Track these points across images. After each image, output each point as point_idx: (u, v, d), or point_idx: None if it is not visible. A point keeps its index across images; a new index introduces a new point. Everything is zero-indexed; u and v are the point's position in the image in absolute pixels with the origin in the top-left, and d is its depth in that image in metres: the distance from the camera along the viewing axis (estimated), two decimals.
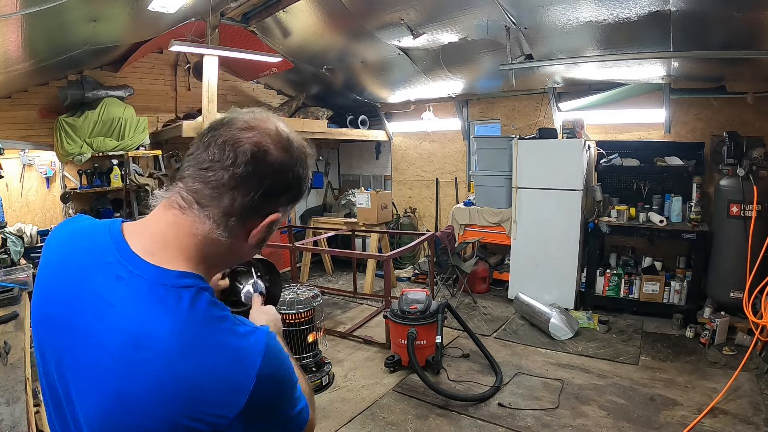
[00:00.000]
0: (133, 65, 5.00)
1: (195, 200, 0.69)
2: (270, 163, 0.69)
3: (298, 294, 3.44)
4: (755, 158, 3.94)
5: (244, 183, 0.68)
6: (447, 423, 2.95)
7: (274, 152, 0.70)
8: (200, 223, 0.69)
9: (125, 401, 0.62)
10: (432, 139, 6.64)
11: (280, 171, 0.71)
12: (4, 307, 2.46)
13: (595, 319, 4.40)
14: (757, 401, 3.03)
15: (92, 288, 0.67)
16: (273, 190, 0.71)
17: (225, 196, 0.68)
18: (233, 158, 0.67)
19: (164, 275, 0.66)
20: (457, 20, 4.12)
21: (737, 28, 3.35)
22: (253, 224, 0.72)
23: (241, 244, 0.74)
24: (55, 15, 2.77)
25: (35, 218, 4.74)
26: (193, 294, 0.66)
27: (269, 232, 0.76)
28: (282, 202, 0.74)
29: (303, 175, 0.75)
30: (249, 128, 0.69)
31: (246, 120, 0.70)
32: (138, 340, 0.63)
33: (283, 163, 0.71)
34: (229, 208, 0.69)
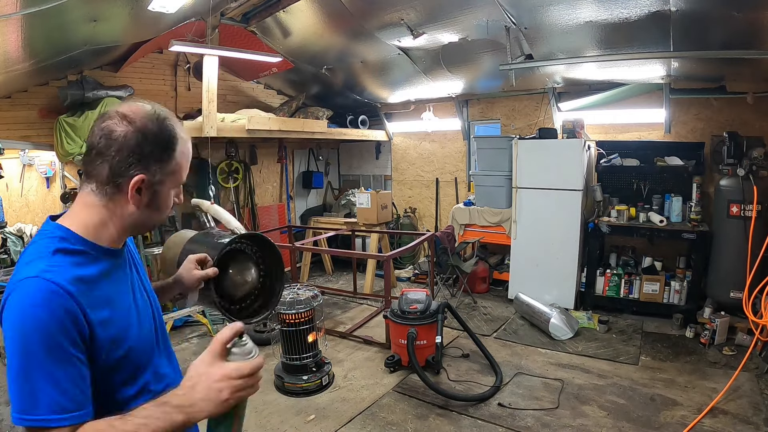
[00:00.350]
0: (133, 65, 5.00)
1: (85, 180, 0.91)
2: (115, 137, 0.87)
3: (298, 294, 3.43)
4: (755, 158, 3.94)
5: (103, 156, 0.87)
6: (447, 423, 2.95)
7: (117, 128, 0.87)
8: (87, 194, 0.91)
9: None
10: (432, 139, 6.64)
11: (123, 140, 0.87)
12: None
13: (595, 319, 4.40)
14: (757, 401, 3.03)
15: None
16: (127, 156, 0.87)
17: (96, 169, 0.88)
18: (95, 141, 0.89)
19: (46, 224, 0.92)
20: (457, 20, 4.12)
21: (737, 28, 3.35)
22: (125, 187, 0.89)
23: (125, 207, 0.91)
24: (55, 15, 2.77)
25: (35, 218, 4.74)
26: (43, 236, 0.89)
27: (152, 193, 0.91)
28: (144, 165, 0.89)
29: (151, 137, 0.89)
30: (102, 118, 0.90)
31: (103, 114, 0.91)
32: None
33: (125, 133, 0.87)
34: (101, 177, 0.88)
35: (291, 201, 7.11)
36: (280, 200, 6.96)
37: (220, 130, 4.72)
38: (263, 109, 5.98)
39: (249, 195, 6.35)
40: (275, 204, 6.85)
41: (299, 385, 3.30)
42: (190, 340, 4.28)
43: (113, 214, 0.91)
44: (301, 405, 3.19)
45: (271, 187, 6.86)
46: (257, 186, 6.53)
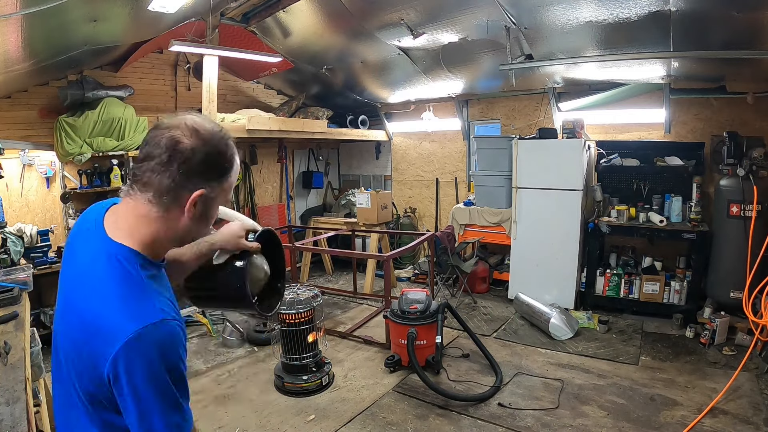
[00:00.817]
0: (133, 65, 5.00)
1: (137, 188, 0.90)
2: (182, 149, 0.87)
3: (298, 294, 3.44)
4: (755, 158, 3.94)
5: (166, 167, 0.86)
6: (447, 423, 2.95)
7: (185, 140, 0.87)
8: (141, 204, 0.90)
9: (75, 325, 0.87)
10: (432, 139, 6.64)
11: (190, 153, 0.87)
12: (4, 307, 2.46)
13: (595, 319, 4.40)
14: (757, 401, 3.03)
15: (78, 255, 0.94)
16: (192, 170, 0.88)
17: (155, 179, 0.87)
18: (156, 151, 0.87)
19: (108, 244, 0.89)
20: (457, 20, 4.12)
21: (737, 28, 3.35)
22: (184, 200, 0.89)
23: (179, 219, 0.91)
24: (55, 15, 2.76)
25: (35, 218, 4.74)
26: (119, 264, 0.87)
27: (205, 207, 0.93)
28: (206, 179, 0.90)
29: (219, 155, 0.92)
30: (166, 127, 0.89)
31: (165, 122, 0.91)
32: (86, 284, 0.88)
33: (194, 148, 0.87)
34: (159, 189, 0.88)
35: (291, 201, 7.12)
36: (280, 200, 6.96)
37: None
38: (263, 109, 5.98)
39: (249, 195, 6.36)
40: (275, 204, 6.85)
41: (299, 385, 3.30)
42: (190, 340, 4.28)
43: (167, 227, 0.92)
44: (301, 405, 3.19)
45: (271, 187, 6.86)
46: (257, 186, 6.53)
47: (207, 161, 0.89)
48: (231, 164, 0.95)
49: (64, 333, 0.91)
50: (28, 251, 4.13)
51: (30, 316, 2.40)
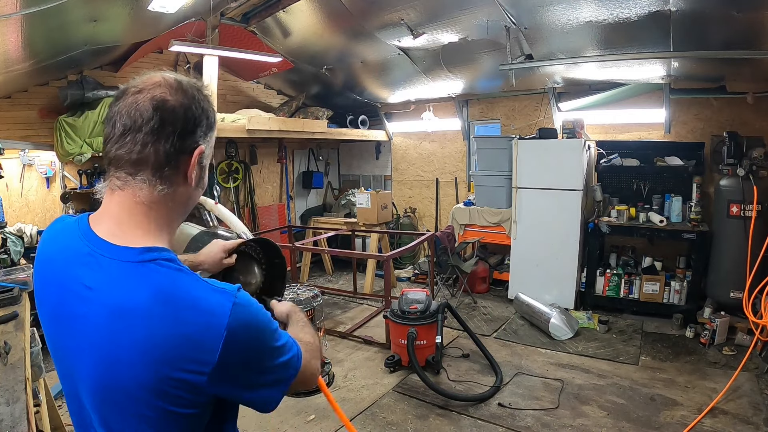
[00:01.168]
0: (133, 65, 5.00)
1: (127, 174, 0.75)
2: (172, 108, 0.75)
3: (298, 294, 3.44)
4: (755, 158, 3.94)
5: (159, 133, 0.74)
6: (447, 423, 2.95)
7: (171, 97, 0.75)
8: (140, 189, 0.75)
9: (114, 366, 0.70)
10: (432, 139, 6.64)
11: (183, 110, 0.76)
12: (4, 307, 2.45)
13: (595, 319, 4.40)
14: (757, 401, 3.03)
15: (74, 278, 0.75)
16: (186, 128, 0.76)
17: (149, 153, 0.74)
18: (140, 118, 0.73)
19: (129, 253, 0.73)
20: (457, 20, 4.12)
21: (737, 28, 3.35)
22: (185, 164, 0.78)
23: (184, 189, 0.80)
24: (55, 15, 2.77)
25: (35, 218, 4.74)
26: (158, 264, 0.72)
27: (202, 168, 0.82)
28: (199, 135, 0.79)
29: (204, 106, 0.80)
30: (140, 90, 0.75)
31: (134, 85, 0.76)
32: (119, 310, 0.70)
33: (182, 103, 0.76)
34: (157, 161, 0.75)
35: (291, 201, 7.11)
36: (280, 200, 6.96)
37: (220, 130, 4.71)
38: (263, 109, 5.98)
39: (249, 195, 6.36)
40: (275, 204, 6.85)
41: None
42: None
43: (175, 204, 0.80)
44: (301, 405, 3.19)
45: (271, 187, 6.86)
46: (257, 186, 6.53)
47: (198, 115, 0.79)
48: (215, 113, 0.85)
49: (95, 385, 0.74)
50: (28, 251, 4.12)
51: (30, 316, 2.40)
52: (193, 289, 0.72)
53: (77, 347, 0.75)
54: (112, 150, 0.75)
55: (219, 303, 0.71)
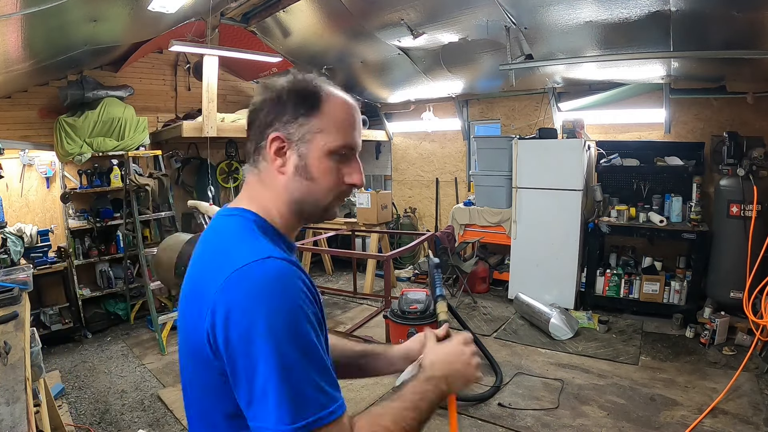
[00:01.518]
0: (133, 65, 5.01)
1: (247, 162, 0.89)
2: (254, 108, 0.85)
3: None
4: (755, 158, 3.94)
5: (251, 126, 0.86)
6: (447, 423, 2.95)
7: (257, 96, 0.86)
8: (248, 173, 0.88)
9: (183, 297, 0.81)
10: (432, 139, 6.64)
11: (262, 103, 0.84)
12: (4, 307, 2.45)
13: (595, 319, 4.40)
14: (757, 401, 3.03)
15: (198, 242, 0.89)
16: (261, 119, 0.83)
17: (248, 146, 0.88)
18: (252, 115, 0.86)
19: (224, 210, 0.87)
20: (457, 20, 4.12)
21: (737, 28, 3.34)
22: (265, 152, 0.83)
23: (276, 177, 0.84)
24: (55, 15, 2.76)
25: (35, 218, 4.74)
26: (235, 218, 0.82)
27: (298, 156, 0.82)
28: (278, 122, 0.82)
29: (287, 92, 0.82)
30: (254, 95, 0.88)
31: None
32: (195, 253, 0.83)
33: (265, 97, 0.84)
34: (249, 151, 0.87)
35: None
36: None
37: (220, 130, 4.72)
38: None
39: None
40: None
41: None
42: None
43: (269, 187, 0.84)
44: None
45: None
46: None
47: (278, 101, 0.81)
48: (314, 97, 0.82)
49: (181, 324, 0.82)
50: (28, 251, 4.13)
51: (30, 316, 2.40)
52: (239, 239, 0.77)
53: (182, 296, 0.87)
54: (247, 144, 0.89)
55: (247, 253, 0.71)
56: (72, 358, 4.06)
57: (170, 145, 5.43)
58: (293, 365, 0.65)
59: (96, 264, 4.73)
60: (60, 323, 4.33)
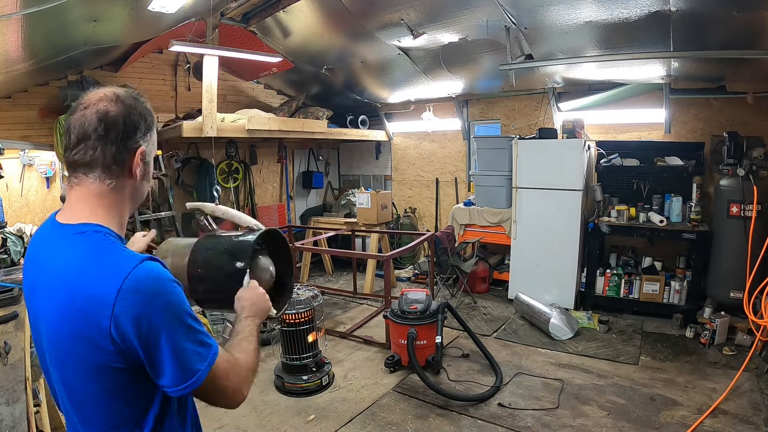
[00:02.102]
0: (133, 65, 5.01)
1: (83, 173, 0.91)
2: (114, 117, 0.90)
3: (298, 294, 3.43)
4: (755, 158, 3.94)
5: (106, 138, 0.90)
6: (447, 423, 2.95)
7: (112, 108, 0.91)
8: (91, 183, 0.91)
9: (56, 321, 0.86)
10: (432, 139, 6.64)
11: (123, 117, 0.91)
12: (4, 307, 2.46)
13: (595, 319, 4.40)
14: (757, 401, 3.03)
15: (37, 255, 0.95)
16: (128, 132, 0.92)
17: (98, 155, 0.90)
18: (90, 128, 0.89)
19: (69, 228, 0.90)
20: (457, 20, 4.12)
21: (737, 28, 3.35)
22: (130, 161, 0.93)
23: (131, 182, 0.95)
24: (55, 15, 2.76)
25: (35, 218, 4.74)
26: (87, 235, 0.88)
27: (146, 164, 0.98)
28: (139, 136, 0.95)
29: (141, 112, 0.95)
30: (85, 107, 0.91)
31: (82, 101, 0.93)
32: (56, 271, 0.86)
33: (122, 112, 0.91)
34: (105, 161, 0.91)
35: (291, 201, 7.12)
36: (280, 200, 6.97)
37: (220, 130, 4.72)
38: (263, 109, 5.98)
39: (249, 195, 6.36)
40: (275, 204, 6.85)
41: (299, 385, 3.30)
42: None
43: (122, 193, 0.95)
44: (301, 405, 3.19)
45: (271, 187, 6.86)
46: (257, 186, 6.53)
47: (137, 120, 0.94)
48: (153, 117, 0.99)
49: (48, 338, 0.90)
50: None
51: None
52: (107, 253, 0.85)
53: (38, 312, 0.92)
54: (70, 156, 0.91)
55: (122, 265, 0.83)
56: None
57: (170, 145, 5.43)
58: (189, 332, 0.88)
59: None
60: None
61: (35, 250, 0.97)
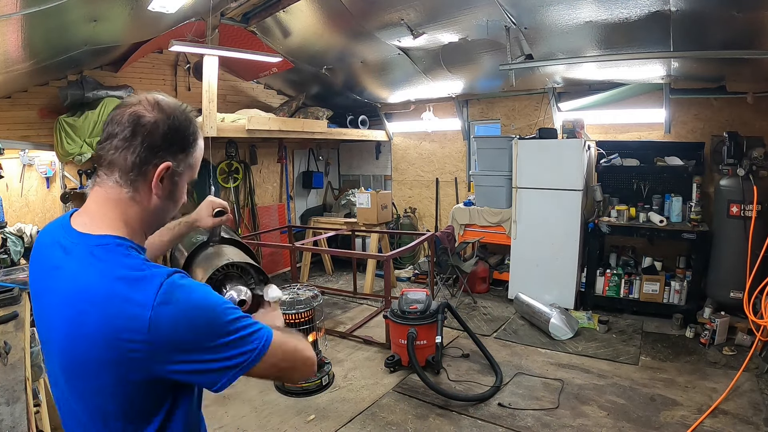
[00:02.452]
0: (133, 65, 5.00)
1: (104, 173, 0.87)
2: (144, 123, 0.85)
3: (298, 294, 3.43)
4: (755, 158, 3.94)
5: (129, 143, 0.84)
6: (447, 423, 2.95)
7: (147, 114, 0.85)
8: (110, 187, 0.87)
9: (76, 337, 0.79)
10: (432, 139, 6.64)
11: (154, 126, 0.85)
12: (4, 307, 2.45)
13: (595, 319, 4.40)
14: (757, 401, 3.03)
15: (49, 260, 0.88)
16: (154, 143, 0.86)
17: (119, 157, 0.85)
18: (119, 127, 0.85)
19: (90, 239, 0.84)
20: (457, 20, 4.12)
21: (737, 28, 3.35)
22: (151, 176, 0.87)
23: (148, 198, 0.89)
24: (55, 15, 2.76)
25: (35, 218, 4.74)
26: (109, 248, 0.83)
27: (173, 183, 0.91)
28: (170, 153, 0.88)
29: (180, 126, 0.89)
30: (125, 105, 0.87)
31: (123, 101, 0.89)
32: (77, 287, 0.80)
33: (156, 120, 0.86)
34: (125, 166, 0.85)
35: (291, 201, 7.11)
36: (280, 200, 6.96)
37: (220, 130, 4.72)
38: (263, 109, 5.98)
39: (249, 195, 6.36)
40: (275, 204, 6.85)
41: (299, 385, 3.30)
42: None
43: (139, 207, 0.89)
44: (301, 405, 3.19)
45: (271, 187, 6.86)
46: (257, 186, 6.53)
47: (170, 134, 0.88)
48: (195, 137, 0.93)
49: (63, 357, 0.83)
50: (28, 251, 4.12)
51: (30, 316, 2.40)
52: (132, 269, 0.80)
53: (50, 321, 0.86)
54: (97, 150, 0.88)
55: (150, 283, 0.78)
56: None
57: None
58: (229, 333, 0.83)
59: None
60: None
61: (46, 254, 0.90)
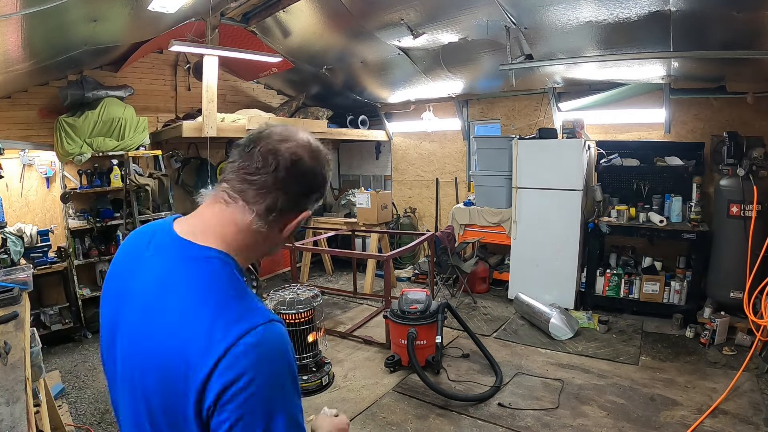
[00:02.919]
0: (133, 65, 5.00)
1: (241, 198, 0.82)
2: (304, 170, 0.83)
3: (298, 294, 3.44)
4: (755, 158, 3.94)
5: (284, 185, 0.82)
6: (447, 423, 2.95)
7: (307, 160, 0.84)
8: (242, 214, 0.82)
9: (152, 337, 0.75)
10: (432, 139, 6.64)
11: (312, 175, 0.85)
12: (4, 307, 2.45)
13: (595, 319, 4.40)
14: (757, 401, 3.03)
15: (144, 261, 0.84)
16: (306, 191, 0.86)
17: (269, 196, 0.82)
18: (275, 165, 0.81)
19: (193, 247, 0.80)
20: (457, 20, 4.12)
21: (737, 28, 3.35)
22: (289, 219, 0.86)
23: (277, 235, 0.87)
24: (55, 15, 2.76)
25: (35, 218, 4.74)
26: (213, 263, 0.78)
27: (298, 225, 0.89)
28: (311, 200, 0.88)
29: (327, 177, 0.89)
30: (285, 140, 0.83)
31: (280, 132, 0.85)
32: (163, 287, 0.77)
33: (313, 169, 0.85)
34: (272, 206, 0.82)
35: None
36: None
37: (220, 130, 4.72)
38: (263, 109, 5.98)
39: None
40: None
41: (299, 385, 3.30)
42: None
43: (265, 242, 0.87)
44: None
45: None
46: None
47: (318, 185, 0.87)
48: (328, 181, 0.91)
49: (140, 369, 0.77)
50: (28, 251, 4.13)
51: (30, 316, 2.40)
52: (229, 290, 0.76)
53: (131, 319, 0.81)
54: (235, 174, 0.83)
55: (247, 317, 0.73)
56: (72, 358, 4.07)
57: (170, 145, 5.43)
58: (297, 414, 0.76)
59: (96, 264, 4.73)
60: (60, 323, 4.33)
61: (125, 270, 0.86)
